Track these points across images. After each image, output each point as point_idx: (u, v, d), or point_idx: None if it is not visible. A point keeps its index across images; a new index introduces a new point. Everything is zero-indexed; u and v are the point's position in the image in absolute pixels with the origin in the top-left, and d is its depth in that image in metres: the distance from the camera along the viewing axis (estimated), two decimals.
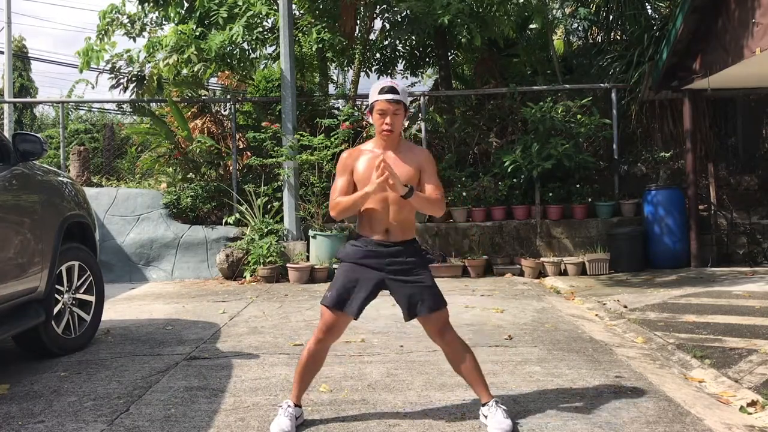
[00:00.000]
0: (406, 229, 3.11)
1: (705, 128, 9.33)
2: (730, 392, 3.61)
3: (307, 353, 3.10)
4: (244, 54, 8.99)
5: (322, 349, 3.11)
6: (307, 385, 3.17)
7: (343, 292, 3.04)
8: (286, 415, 3.00)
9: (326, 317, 3.06)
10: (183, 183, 9.64)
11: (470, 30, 8.41)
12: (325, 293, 3.11)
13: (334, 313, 3.04)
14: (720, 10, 7.41)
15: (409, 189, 2.93)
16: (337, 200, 3.06)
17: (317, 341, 3.08)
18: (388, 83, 3.07)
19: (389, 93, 3.01)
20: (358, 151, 3.17)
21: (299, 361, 3.13)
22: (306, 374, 3.12)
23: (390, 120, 3.02)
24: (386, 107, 3.01)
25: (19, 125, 20.22)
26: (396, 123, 3.04)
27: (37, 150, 4.26)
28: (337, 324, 3.07)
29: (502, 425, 2.90)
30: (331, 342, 3.13)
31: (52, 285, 4.28)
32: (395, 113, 3.02)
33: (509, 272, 8.31)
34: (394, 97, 3.00)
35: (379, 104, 3.02)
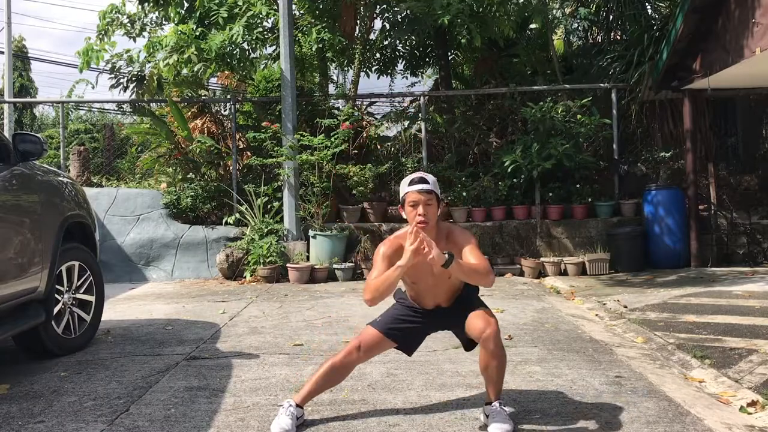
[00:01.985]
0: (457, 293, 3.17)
1: (705, 128, 9.33)
2: (730, 392, 3.61)
3: (332, 365, 3.12)
4: (244, 54, 8.99)
5: (350, 365, 3.14)
6: (317, 394, 3.19)
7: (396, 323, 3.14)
8: (288, 415, 3.00)
9: (371, 333, 3.11)
10: (183, 183, 9.64)
11: (470, 30, 8.41)
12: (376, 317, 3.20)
13: (380, 333, 3.11)
14: (720, 10, 7.41)
15: (449, 256, 2.81)
16: (370, 282, 2.95)
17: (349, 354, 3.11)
18: (418, 175, 3.05)
19: (419, 183, 2.98)
20: (398, 244, 3.02)
21: (323, 368, 3.13)
22: (325, 384, 3.15)
23: (423, 211, 2.97)
24: (417, 198, 2.97)
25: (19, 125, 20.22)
26: (429, 213, 2.98)
27: (37, 150, 4.26)
28: (377, 345, 3.13)
29: (503, 427, 2.90)
30: (361, 361, 3.18)
31: (52, 285, 4.28)
32: (427, 203, 2.97)
33: (509, 272, 8.31)
34: (424, 187, 2.97)
35: (410, 196, 2.98)
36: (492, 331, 2.95)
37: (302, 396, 3.11)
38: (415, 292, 3.16)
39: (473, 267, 2.95)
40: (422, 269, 2.99)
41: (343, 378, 3.19)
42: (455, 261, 2.85)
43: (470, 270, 2.94)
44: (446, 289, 3.12)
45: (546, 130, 8.72)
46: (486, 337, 2.95)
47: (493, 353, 2.96)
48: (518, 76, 10.49)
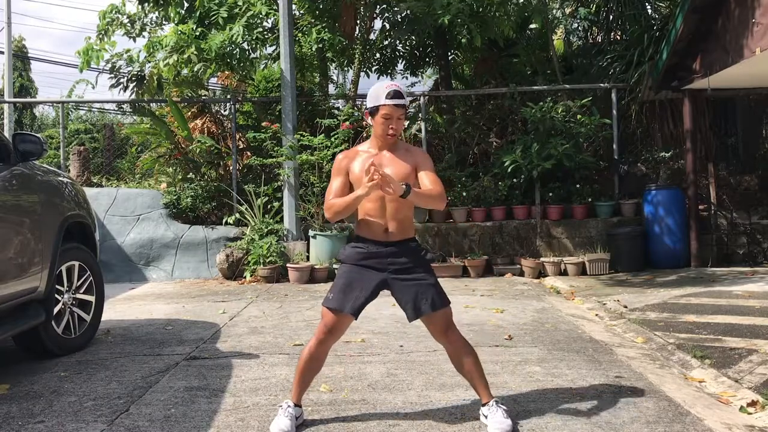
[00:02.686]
0: (405, 228, 3.10)
1: (705, 128, 9.33)
2: (730, 392, 3.61)
3: (308, 354, 3.10)
4: (244, 54, 8.99)
5: (323, 349, 3.11)
6: (307, 386, 3.17)
7: (345, 294, 3.04)
8: (286, 415, 3.01)
9: (327, 318, 3.06)
10: (183, 183, 9.64)
11: (470, 30, 8.41)
12: (326, 294, 3.11)
13: (335, 315, 3.04)
14: (720, 10, 7.41)
15: (406, 187, 2.88)
16: (331, 202, 3.04)
17: (318, 342, 3.08)
18: (393, 87, 3.03)
19: (395, 98, 2.99)
20: (353, 152, 3.16)
21: (299, 361, 3.13)
22: (307, 374, 3.12)
23: (395, 125, 3.02)
24: (392, 112, 3.00)
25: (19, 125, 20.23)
26: (399, 127, 3.05)
27: (37, 150, 4.26)
28: (338, 325, 3.07)
29: (503, 425, 2.90)
30: (332, 343, 3.13)
31: (52, 285, 4.28)
32: (399, 117, 3.02)
33: (509, 272, 8.31)
34: (401, 101, 3.00)
35: (385, 108, 3.00)
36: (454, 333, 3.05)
37: (295, 394, 3.12)
38: (366, 211, 3.08)
39: (428, 193, 3.01)
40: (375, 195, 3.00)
41: (323, 362, 3.15)
42: (412, 190, 2.90)
43: (425, 196, 3.01)
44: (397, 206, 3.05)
45: (546, 130, 8.72)
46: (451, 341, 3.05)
47: (463, 350, 3.06)
48: (518, 76, 10.49)
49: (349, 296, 3.04)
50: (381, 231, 3.07)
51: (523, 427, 3.00)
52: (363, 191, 2.90)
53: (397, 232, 3.08)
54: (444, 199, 3.06)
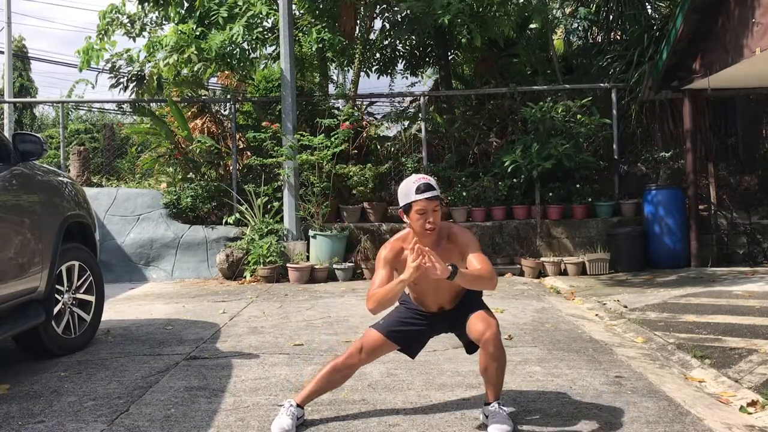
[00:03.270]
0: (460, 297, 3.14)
1: (705, 128, 9.32)
2: (730, 392, 3.61)
3: (333, 366, 3.10)
4: (244, 54, 8.98)
5: (349, 366, 3.12)
6: (318, 395, 3.18)
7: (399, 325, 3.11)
8: (288, 415, 3.00)
9: (373, 336, 3.09)
10: (183, 183, 9.64)
11: (470, 30, 8.41)
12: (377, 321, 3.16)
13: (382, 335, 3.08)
14: (720, 9, 7.41)
15: (453, 268, 2.78)
16: (373, 291, 2.91)
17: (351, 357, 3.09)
18: (422, 180, 2.95)
19: (427, 191, 2.91)
20: (399, 246, 3.04)
21: (323, 368, 3.13)
22: (324, 385, 3.13)
23: (432, 218, 2.94)
24: (426, 206, 2.92)
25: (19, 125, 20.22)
26: (437, 219, 2.96)
27: (37, 150, 4.26)
28: (380, 347, 3.11)
29: (503, 427, 2.89)
30: (362, 364, 3.15)
31: (52, 285, 4.28)
32: (434, 210, 2.94)
33: (509, 272, 8.31)
34: (433, 194, 2.93)
35: (419, 204, 2.92)
36: (492, 333, 2.94)
37: (303, 396, 3.12)
38: (418, 294, 3.16)
39: (477, 274, 2.90)
40: (424, 276, 2.93)
41: (345, 380, 3.18)
42: (459, 272, 2.81)
43: (474, 278, 2.90)
44: (448, 292, 3.11)
45: (546, 130, 8.72)
46: (486, 340, 2.94)
47: (492, 355, 2.95)
48: (518, 76, 10.49)
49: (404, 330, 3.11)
50: (435, 308, 3.15)
51: (523, 427, 3.00)
52: (407, 275, 2.79)
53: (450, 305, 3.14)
54: (495, 280, 2.94)
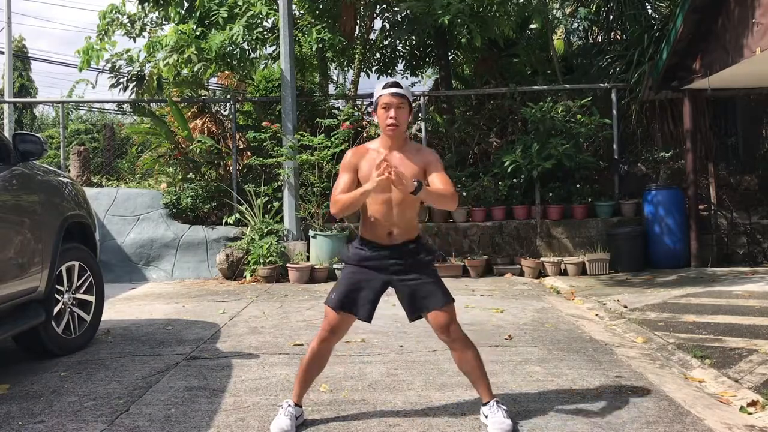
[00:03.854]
0: (409, 229, 3.11)
1: (705, 128, 9.32)
2: (730, 392, 3.61)
3: (311, 353, 3.10)
4: (244, 54, 8.99)
5: (326, 349, 3.12)
6: (308, 386, 3.18)
7: (348, 294, 3.05)
8: (287, 415, 3.01)
9: (330, 318, 3.06)
10: (183, 183, 9.64)
11: (470, 30, 8.41)
12: (329, 294, 3.11)
13: (338, 314, 3.05)
14: (720, 9, 7.41)
15: (418, 184, 2.85)
16: (338, 197, 3.01)
17: (321, 341, 3.09)
18: (392, 79, 3.12)
19: (393, 87, 3.03)
20: (363, 149, 3.15)
21: (302, 361, 3.13)
22: (309, 374, 3.13)
23: (394, 113, 3.01)
24: (390, 100, 3.01)
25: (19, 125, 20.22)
26: (400, 117, 3.02)
27: (37, 150, 4.26)
28: (341, 325, 3.08)
29: (503, 425, 2.90)
30: (334, 342, 3.14)
31: (52, 285, 4.28)
32: (399, 106, 3.01)
33: (509, 272, 8.31)
34: (397, 90, 3.01)
35: (383, 98, 3.02)
36: (456, 330, 3.04)
37: (295, 394, 3.12)
38: (371, 212, 3.07)
39: (440, 191, 2.98)
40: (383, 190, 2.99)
41: (325, 362, 3.16)
42: (423, 188, 2.88)
43: (438, 195, 2.97)
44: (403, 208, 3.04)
45: (546, 130, 8.72)
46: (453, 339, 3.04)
47: (464, 347, 3.05)
48: (518, 76, 10.49)
49: (353, 297, 3.04)
50: (384, 234, 3.07)
51: (523, 427, 3.00)
52: (371, 186, 2.88)
53: (402, 234, 3.08)
54: (456, 200, 3.03)
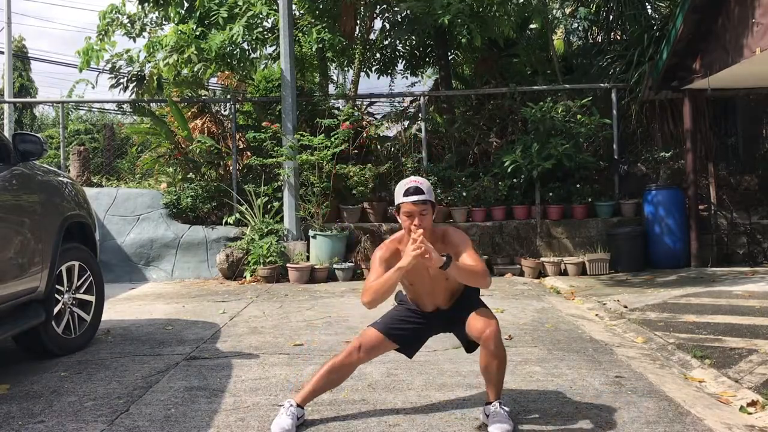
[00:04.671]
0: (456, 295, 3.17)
1: (705, 128, 9.32)
2: (730, 392, 3.61)
3: (331, 364, 3.12)
4: (244, 54, 8.98)
5: (351, 365, 3.14)
6: (318, 395, 3.19)
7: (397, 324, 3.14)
8: (288, 415, 3.00)
9: (372, 334, 3.11)
10: (183, 183, 9.63)
11: (470, 30, 8.41)
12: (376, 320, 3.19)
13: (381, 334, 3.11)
14: (720, 9, 7.41)
15: (447, 258, 2.85)
16: (369, 284, 2.97)
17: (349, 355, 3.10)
18: (413, 183, 2.99)
19: (414, 194, 2.95)
20: (395, 246, 3.10)
21: (322, 367, 3.14)
22: (323, 384, 3.15)
23: (418, 222, 2.96)
24: (412, 209, 2.96)
25: (19, 125, 20.22)
26: (425, 223, 2.97)
27: (37, 150, 4.26)
28: (378, 346, 3.13)
29: (504, 427, 2.90)
30: (361, 362, 3.17)
31: (52, 285, 4.28)
32: (422, 214, 2.96)
33: (509, 272, 8.31)
34: (419, 198, 2.95)
35: (405, 207, 2.97)
36: (492, 331, 2.96)
37: (302, 396, 3.12)
38: (414, 293, 3.18)
39: (470, 268, 2.95)
40: (419, 271, 3.01)
41: (344, 379, 3.20)
42: (453, 263, 2.86)
43: (467, 271, 2.95)
44: (444, 291, 3.13)
45: (546, 130, 8.72)
46: (486, 338, 2.96)
47: (493, 353, 2.97)
48: (518, 76, 10.49)
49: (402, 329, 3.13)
50: (432, 306, 3.17)
51: (523, 427, 3.00)
52: (405, 263, 2.86)
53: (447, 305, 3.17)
54: (488, 277, 3.00)
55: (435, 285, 3.09)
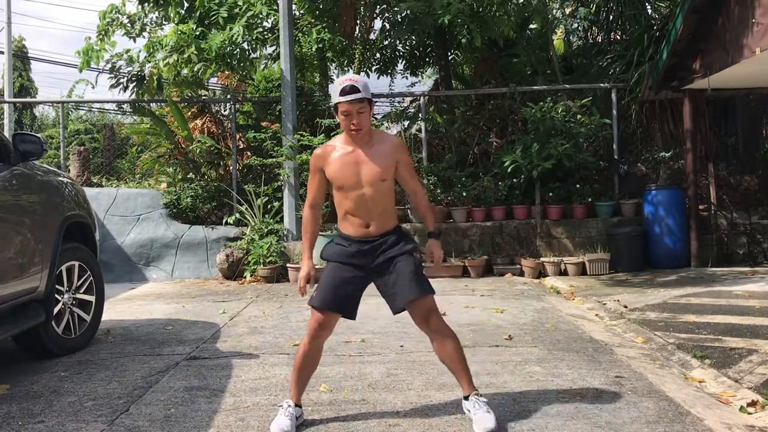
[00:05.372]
0: (386, 221, 3.12)
1: (705, 128, 9.32)
2: (730, 392, 3.61)
3: (302, 353, 3.11)
4: (244, 54, 8.99)
5: (317, 346, 3.13)
6: (305, 385, 3.18)
7: (331, 292, 3.06)
8: (287, 415, 3.01)
9: (317, 317, 3.08)
10: (183, 183, 9.64)
11: (470, 30, 8.40)
12: (312, 293, 3.11)
13: (323, 313, 3.06)
14: (720, 10, 7.41)
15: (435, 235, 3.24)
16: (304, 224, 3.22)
17: (311, 339, 3.10)
18: (348, 82, 2.98)
19: (350, 93, 2.95)
20: (329, 148, 3.13)
21: (295, 362, 3.15)
22: (303, 373, 3.14)
23: (357, 119, 2.98)
24: (349, 108, 2.96)
25: (19, 125, 20.22)
26: (363, 121, 2.99)
27: (37, 150, 4.26)
28: (327, 322, 3.10)
29: (487, 422, 2.92)
30: (324, 339, 3.15)
31: (52, 285, 4.28)
32: (359, 112, 2.97)
33: (509, 272, 8.31)
34: (356, 96, 2.95)
35: (341, 106, 2.97)
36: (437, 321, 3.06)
37: (294, 395, 3.13)
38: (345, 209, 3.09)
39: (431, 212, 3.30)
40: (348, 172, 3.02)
41: (318, 360, 3.18)
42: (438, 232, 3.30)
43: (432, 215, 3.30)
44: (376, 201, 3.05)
45: (546, 130, 8.72)
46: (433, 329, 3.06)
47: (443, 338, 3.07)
48: (518, 76, 10.49)
49: (336, 295, 3.05)
50: (362, 228, 3.08)
51: (523, 427, 3.00)
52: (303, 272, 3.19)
53: (378, 228, 3.09)
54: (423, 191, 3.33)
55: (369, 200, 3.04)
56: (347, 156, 3.04)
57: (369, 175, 3.03)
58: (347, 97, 2.94)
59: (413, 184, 3.23)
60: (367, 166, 3.03)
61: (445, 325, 3.11)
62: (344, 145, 3.09)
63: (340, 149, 3.08)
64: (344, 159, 3.04)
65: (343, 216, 3.12)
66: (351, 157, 3.04)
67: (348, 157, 3.04)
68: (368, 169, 3.02)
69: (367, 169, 3.03)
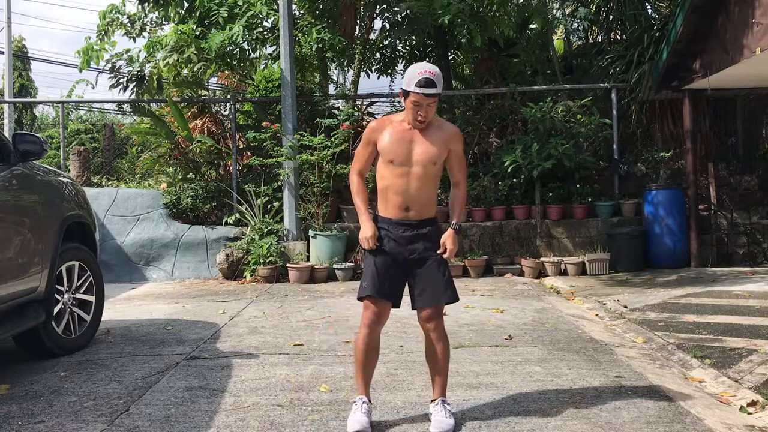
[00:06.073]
0: (427, 207, 3.12)
1: (705, 128, 9.32)
2: (730, 392, 3.61)
3: (364, 345, 3.09)
4: (244, 54, 8.99)
5: (376, 338, 3.12)
6: (371, 377, 3.18)
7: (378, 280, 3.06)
8: (363, 411, 3.01)
9: (372, 307, 3.07)
10: (183, 183, 9.63)
11: (470, 30, 8.41)
12: (360, 285, 3.11)
13: (376, 303, 3.06)
14: (720, 10, 7.41)
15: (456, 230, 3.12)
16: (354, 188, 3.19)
17: (369, 332, 3.09)
18: (426, 74, 2.96)
19: (426, 87, 2.95)
20: (386, 121, 3.15)
21: (356, 356, 3.13)
22: (368, 368, 3.13)
23: (424, 112, 3.01)
24: (421, 100, 2.98)
25: (19, 125, 20.22)
26: (429, 114, 3.03)
27: (37, 150, 4.26)
28: (383, 311, 3.09)
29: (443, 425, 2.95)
30: (380, 328, 3.15)
31: (52, 285, 4.28)
32: (429, 105, 3.00)
33: (509, 272, 8.31)
34: (431, 91, 2.96)
35: (414, 96, 2.98)
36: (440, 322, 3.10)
37: (362, 389, 3.12)
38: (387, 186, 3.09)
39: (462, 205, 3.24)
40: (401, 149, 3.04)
41: (379, 349, 3.18)
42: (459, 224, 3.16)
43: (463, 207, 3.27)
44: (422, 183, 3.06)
45: (546, 130, 8.72)
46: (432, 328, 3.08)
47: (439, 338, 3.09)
48: (518, 76, 10.49)
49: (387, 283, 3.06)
50: (402, 211, 3.08)
51: (523, 426, 3.00)
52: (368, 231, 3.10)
53: (417, 214, 3.09)
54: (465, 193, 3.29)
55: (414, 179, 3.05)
56: (404, 133, 3.06)
57: (421, 155, 3.04)
58: (423, 90, 2.95)
59: (459, 176, 3.22)
60: (421, 147, 3.04)
61: (444, 328, 3.15)
62: (402, 123, 3.10)
63: (397, 126, 3.10)
64: (400, 135, 3.05)
65: (384, 194, 3.11)
66: (407, 135, 3.06)
67: (404, 135, 3.06)
68: (421, 149, 3.04)
69: (421, 149, 3.04)
